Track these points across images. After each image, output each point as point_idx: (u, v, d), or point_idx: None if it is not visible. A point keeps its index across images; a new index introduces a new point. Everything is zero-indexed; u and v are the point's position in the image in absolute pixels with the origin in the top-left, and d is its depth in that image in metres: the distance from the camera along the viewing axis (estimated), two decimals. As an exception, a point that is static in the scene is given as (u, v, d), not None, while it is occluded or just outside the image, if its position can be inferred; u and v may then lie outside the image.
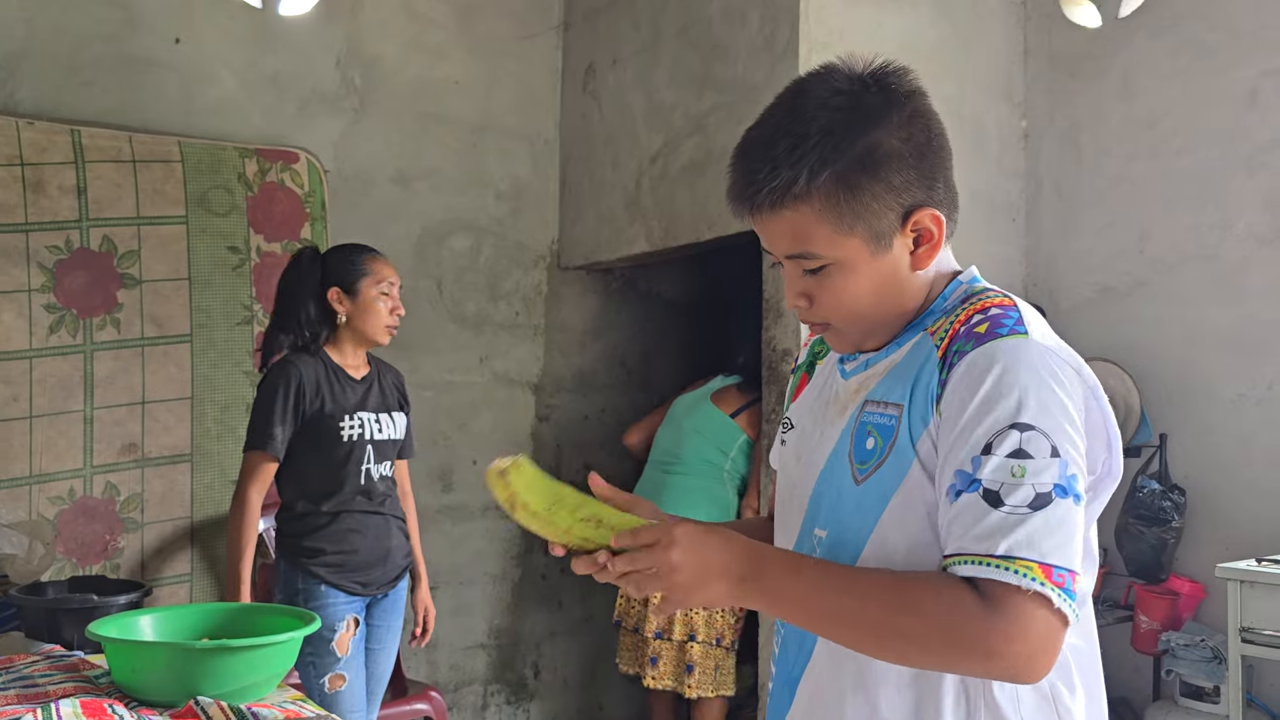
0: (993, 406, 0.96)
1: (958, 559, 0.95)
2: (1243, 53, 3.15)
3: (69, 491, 2.97)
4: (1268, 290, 3.08)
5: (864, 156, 1.02)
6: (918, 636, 0.96)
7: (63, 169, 2.99)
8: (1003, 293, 1.08)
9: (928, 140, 1.06)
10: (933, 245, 1.07)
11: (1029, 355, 0.99)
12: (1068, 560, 0.94)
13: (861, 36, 3.19)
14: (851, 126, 1.03)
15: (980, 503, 0.95)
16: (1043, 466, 0.95)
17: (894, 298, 1.09)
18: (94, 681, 1.64)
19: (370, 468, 2.50)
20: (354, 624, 2.46)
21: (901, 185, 1.04)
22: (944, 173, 1.08)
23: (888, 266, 1.07)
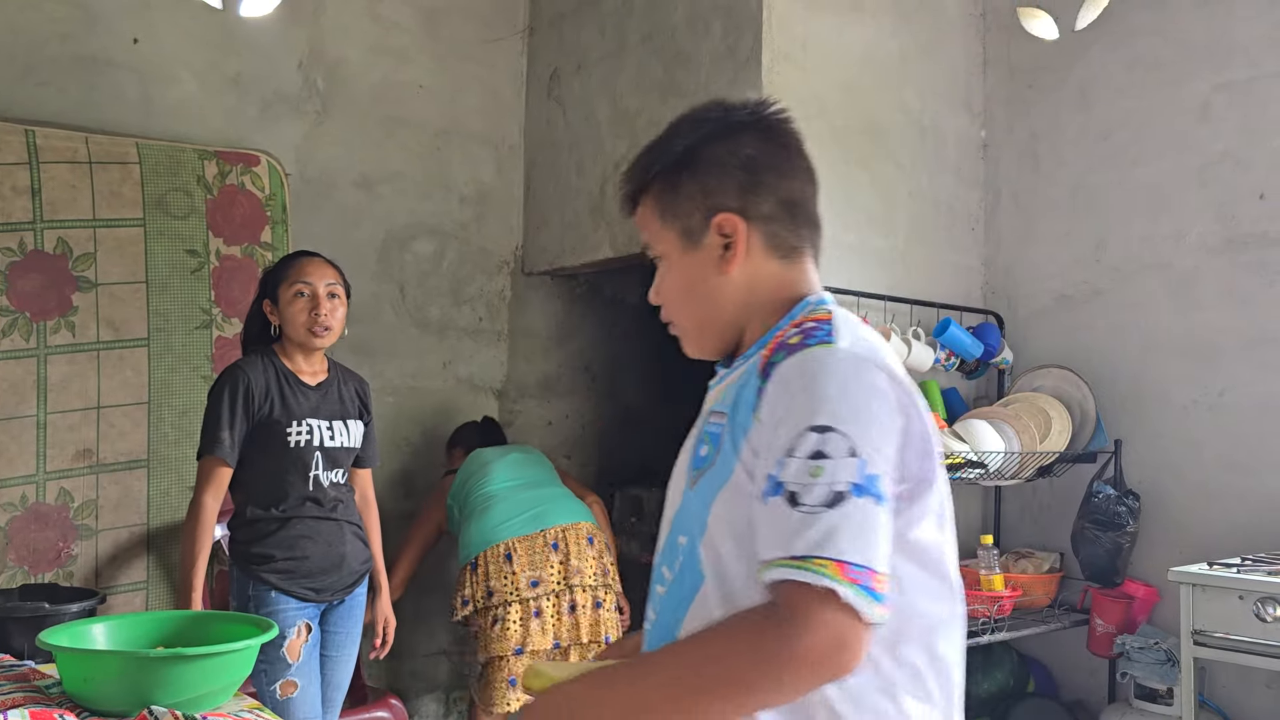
0: (795, 411, 1.00)
1: (765, 566, 0.97)
2: (1195, 67, 3.22)
3: (21, 498, 2.92)
4: (1219, 299, 3.15)
5: (685, 157, 1.15)
6: (729, 677, 0.95)
7: (16, 169, 2.94)
8: (831, 309, 1.14)
9: (757, 158, 1.15)
10: (735, 252, 1.15)
11: (832, 362, 1.02)
12: (867, 558, 0.94)
13: (823, 46, 3.22)
14: (687, 134, 1.17)
15: (783, 504, 0.96)
16: (840, 466, 0.96)
17: (706, 297, 1.17)
18: (44, 692, 1.61)
19: (319, 474, 2.47)
20: (306, 630, 2.44)
21: (715, 189, 1.14)
22: (775, 192, 1.16)
23: (697, 264, 1.16)
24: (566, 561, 3.10)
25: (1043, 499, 3.50)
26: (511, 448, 3.51)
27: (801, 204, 1.19)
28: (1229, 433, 3.10)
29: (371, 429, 2.67)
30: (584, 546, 3.13)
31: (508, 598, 3.04)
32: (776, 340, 1.09)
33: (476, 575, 3.10)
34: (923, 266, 3.47)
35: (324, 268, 2.53)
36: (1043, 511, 3.51)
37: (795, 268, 1.19)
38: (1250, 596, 2.50)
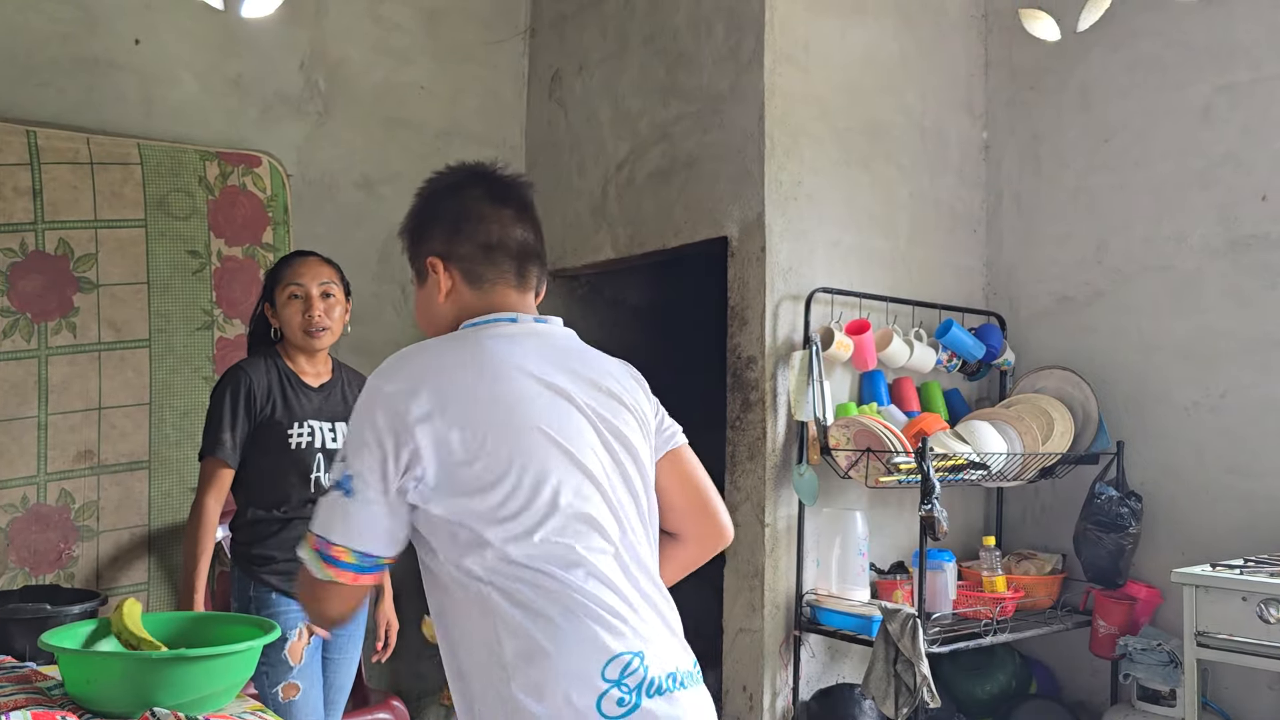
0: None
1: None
2: (1197, 69, 3.22)
3: (21, 499, 2.91)
4: (1221, 301, 3.15)
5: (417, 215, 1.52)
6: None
7: (17, 170, 2.94)
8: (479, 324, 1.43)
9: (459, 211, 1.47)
10: (441, 286, 1.47)
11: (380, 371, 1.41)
12: (328, 532, 1.32)
13: (825, 47, 3.22)
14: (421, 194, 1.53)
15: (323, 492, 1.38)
16: (335, 468, 1.37)
17: (432, 318, 1.50)
18: (47, 693, 1.61)
19: (321, 476, 2.46)
20: (307, 632, 2.43)
21: (429, 238, 1.48)
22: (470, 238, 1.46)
23: (425, 294, 1.51)
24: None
25: (1045, 500, 3.50)
26: None
27: (501, 244, 1.47)
28: (1231, 434, 3.10)
29: None
30: None
31: None
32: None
33: None
34: (924, 268, 3.47)
35: (318, 267, 2.51)
36: (1045, 513, 3.51)
37: (489, 294, 1.47)
38: (1253, 598, 2.50)
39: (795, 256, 3.12)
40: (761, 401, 3.05)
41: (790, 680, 3.05)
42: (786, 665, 3.05)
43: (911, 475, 2.86)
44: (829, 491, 3.09)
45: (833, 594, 3.02)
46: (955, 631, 2.94)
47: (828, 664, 3.16)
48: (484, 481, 1.29)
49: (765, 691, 3.02)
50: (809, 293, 3.07)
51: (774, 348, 3.06)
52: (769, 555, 3.02)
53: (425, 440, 1.31)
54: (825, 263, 3.19)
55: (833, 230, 3.22)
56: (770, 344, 3.06)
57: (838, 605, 2.98)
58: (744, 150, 3.13)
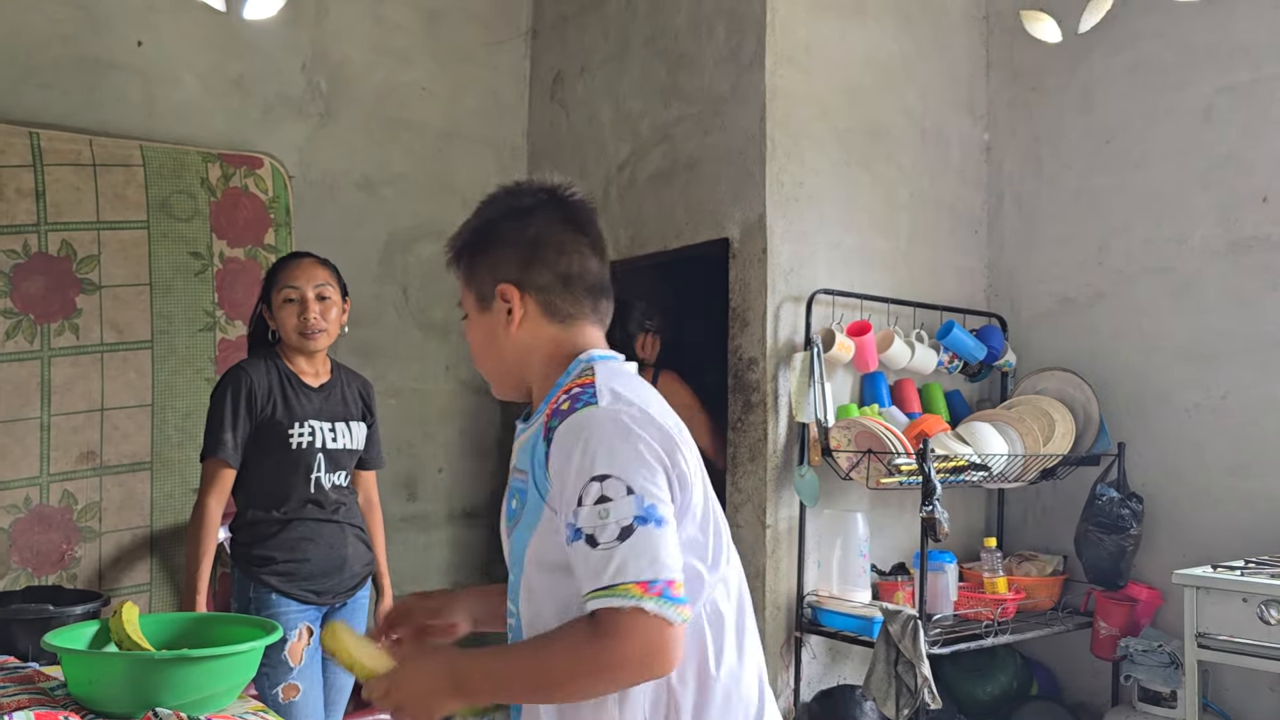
0: (575, 467, 1.20)
1: (585, 598, 1.17)
2: (1198, 70, 3.22)
3: (24, 500, 2.92)
4: (1221, 302, 3.15)
5: (481, 234, 1.40)
6: (562, 678, 1.19)
7: (20, 172, 2.95)
8: (594, 369, 1.32)
9: (539, 236, 1.37)
10: (514, 316, 1.37)
11: (595, 419, 1.23)
12: (659, 573, 1.15)
13: (826, 48, 3.23)
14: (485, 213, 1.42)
15: (584, 547, 1.17)
16: (622, 505, 1.17)
17: (495, 352, 1.40)
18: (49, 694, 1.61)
19: (321, 476, 2.46)
20: (307, 633, 2.43)
21: (501, 262, 1.37)
22: (552, 267, 1.36)
23: (489, 323, 1.39)
24: None
25: (1046, 502, 3.50)
26: None
27: (580, 276, 1.38)
28: (1232, 435, 3.10)
29: (375, 431, 2.66)
30: None
31: None
32: (552, 405, 1.29)
33: None
34: (925, 269, 3.47)
35: (312, 269, 2.50)
36: (1046, 514, 3.51)
37: (572, 330, 1.38)
38: (1254, 599, 2.50)
39: (796, 258, 3.12)
40: (763, 403, 3.05)
41: (791, 681, 3.05)
42: (788, 666, 3.05)
43: (913, 476, 2.86)
44: (830, 493, 3.09)
45: (834, 595, 3.02)
46: (956, 633, 2.94)
47: (829, 665, 3.16)
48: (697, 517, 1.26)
49: (766, 692, 3.01)
50: (810, 294, 3.08)
51: (775, 349, 3.06)
52: (770, 556, 3.03)
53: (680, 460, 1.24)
54: (826, 264, 3.19)
55: (834, 232, 3.22)
56: (771, 345, 3.06)
57: (839, 606, 2.98)
58: (745, 151, 3.13)
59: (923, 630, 2.73)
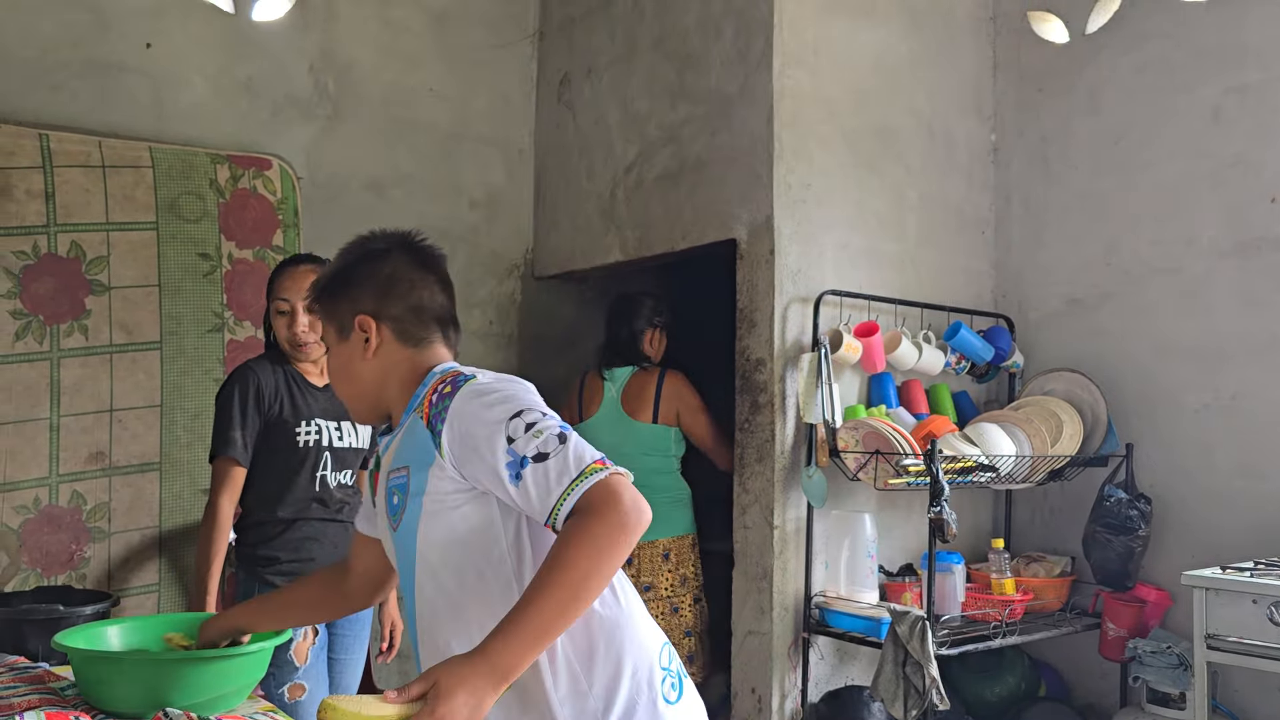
0: (486, 422, 1.37)
1: (557, 508, 1.31)
2: (1206, 70, 3.21)
3: (34, 500, 2.93)
4: (1230, 303, 3.14)
5: (343, 273, 1.58)
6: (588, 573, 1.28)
7: (30, 173, 2.96)
8: (456, 368, 1.51)
9: (392, 275, 1.55)
10: (370, 343, 1.53)
11: (482, 384, 1.42)
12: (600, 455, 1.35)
13: (834, 49, 3.22)
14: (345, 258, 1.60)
15: (537, 467, 1.32)
16: (547, 423, 1.36)
17: (355, 376, 1.56)
18: (60, 694, 1.62)
19: (327, 474, 2.46)
20: (313, 633, 2.43)
21: (358, 297, 1.55)
22: (404, 299, 1.55)
23: (347, 351, 1.56)
24: (638, 576, 3.26)
25: (1054, 503, 3.50)
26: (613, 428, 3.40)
27: (429, 308, 1.57)
28: (1241, 436, 3.09)
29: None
30: (659, 563, 3.29)
31: None
32: (426, 401, 1.45)
33: None
34: (933, 270, 3.47)
35: (305, 278, 2.42)
36: (1054, 515, 3.50)
37: (425, 352, 1.56)
38: (1264, 600, 2.50)
39: (804, 259, 3.12)
40: (770, 404, 3.05)
41: (799, 682, 3.05)
42: (795, 667, 3.05)
43: (920, 477, 2.86)
44: (838, 493, 3.09)
45: (841, 596, 3.02)
46: (964, 634, 2.94)
47: (836, 666, 3.16)
48: None
49: (774, 693, 3.02)
50: (818, 295, 3.08)
51: (783, 350, 3.06)
52: (778, 557, 3.02)
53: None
54: (834, 265, 3.19)
55: (841, 233, 3.22)
56: (779, 346, 3.06)
57: (846, 607, 2.98)
58: (753, 152, 3.13)
59: (930, 631, 2.72)
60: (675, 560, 3.32)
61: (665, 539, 3.32)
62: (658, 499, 3.39)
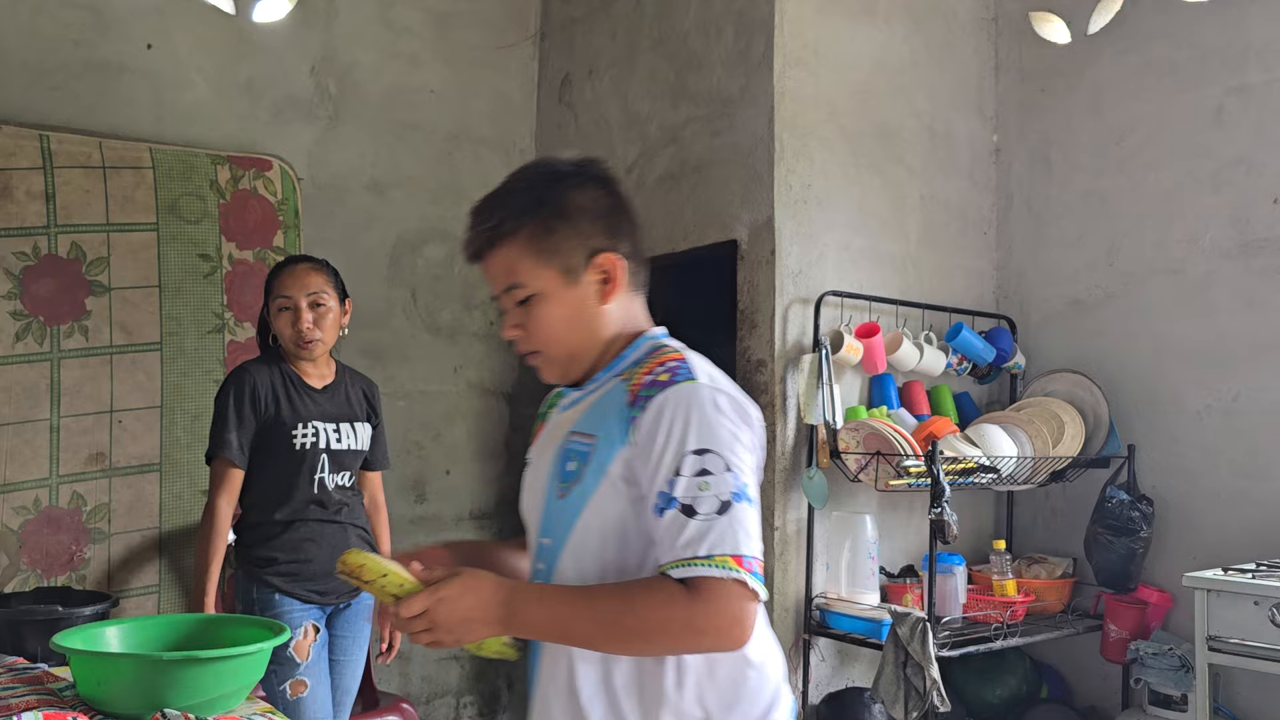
0: (674, 438, 1.22)
1: (671, 565, 1.20)
2: (1208, 71, 3.21)
3: (34, 501, 2.93)
4: (1232, 304, 3.13)
5: (556, 205, 1.32)
6: (642, 630, 1.20)
7: (30, 174, 2.96)
8: (679, 348, 1.34)
9: (612, 205, 1.36)
10: (614, 284, 1.34)
11: (698, 395, 1.24)
12: (753, 550, 1.20)
13: (835, 50, 3.22)
14: (550, 186, 1.34)
15: (680, 516, 1.20)
16: (721, 480, 1.20)
17: (585, 327, 1.35)
18: (58, 694, 1.61)
19: (324, 477, 2.46)
20: (313, 630, 2.44)
21: (589, 233, 1.33)
22: (629, 235, 1.37)
23: (577, 297, 1.34)
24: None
25: (1055, 504, 3.49)
26: None
27: (640, 245, 1.39)
28: (1243, 438, 3.08)
29: (381, 431, 2.66)
30: None
31: None
32: (644, 374, 1.28)
33: None
34: (934, 271, 3.46)
35: (306, 276, 2.47)
36: (1056, 516, 3.49)
37: (637, 298, 1.40)
38: (1265, 602, 2.49)
39: (805, 260, 3.12)
40: (771, 405, 3.05)
41: (800, 684, 3.04)
42: (796, 669, 3.05)
43: (921, 479, 2.85)
44: (839, 495, 3.08)
45: (842, 597, 3.01)
46: (965, 635, 2.93)
47: (837, 668, 3.15)
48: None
49: (775, 695, 3.01)
50: (819, 296, 3.07)
51: (784, 351, 3.06)
52: (779, 559, 3.02)
53: (758, 452, 1.29)
54: (835, 266, 3.18)
55: (842, 233, 3.21)
56: (780, 347, 3.05)
57: (847, 609, 2.98)
58: (753, 153, 3.13)
59: (931, 633, 2.72)
60: None
61: None
62: None
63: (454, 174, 3.84)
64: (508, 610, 1.23)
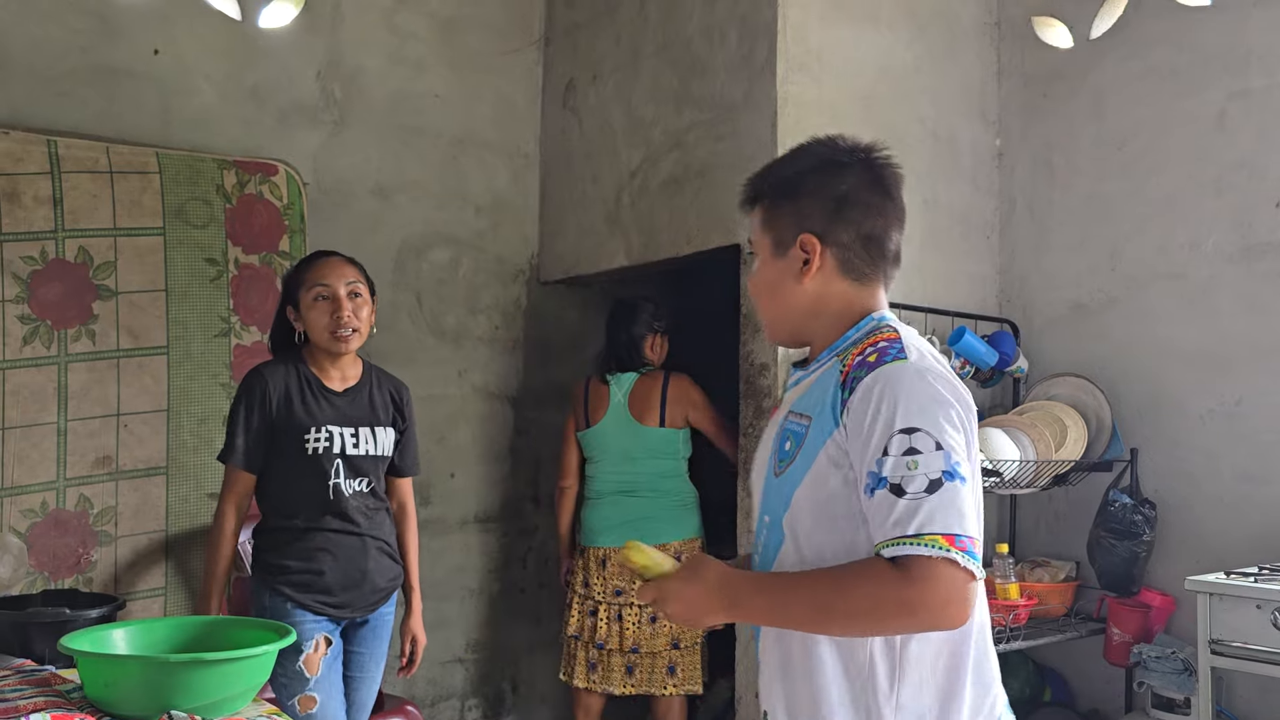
0: (882, 418, 1.24)
1: (882, 545, 1.22)
2: (1210, 76, 3.21)
3: (41, 504, 2.94)
4: (1234, 308, 3.14)
5: (792, 182, 1.42)
6: (855, 612, 1.23)
7: (38, 179, 2.98)
8: (895, 327, 1.38)
9: (848, 194, 1.39)
10: (809, 266, 1.39)
11: (906, 374, 1.27)
12: (965, 529, 1.20)
13: (838, 55, 3.23)
14: (798, 163, 1.44)
15: (889, 496, 1.22)
16: (930, 459, 1.21)
17: (783, 300, 1.43)
18: (66, 696, 1.63)
19: (340, 483, 2.39)
20: (325, 643, 2.39)
21: (807, 214, 1.40)
22: (856, 226, 1.40)
23: (780, 270, 1.42)
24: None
25: (1058, 508, 3.49)
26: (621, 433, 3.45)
27: (877, 238, 1.41)
28: (1246, 442, 3.08)
29: (409, 436, 2.58)
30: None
31: (597, 597, 3.36)
32: (855, 355, 1.32)
33: (585, 562, 3.45)
34: (938, 275, 3.47)
35: (343, 267, 2.44)
36: (1058, 520, 3.50)
37: (864, 290, 1.42)
38: (1268, 606, 2.49)
39: (808, 264, 3.12)
40: (774, 409, 3.06)
41: (803, 687, 3.05)
42: (799, 672, 3.05)
43: (924, 482, 2.85)
44: (841, 498, 3.09)
45: (845, 601, 3.01)
46: (968, 639, 2.93)
47: (840, 671, 3.15)
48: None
49: (778, 698, 3.01)
50: (821, 300, 3.08)
51: (786, 355, 3.07)
52: (781, 562, 3.02)
53: (972, 430, 1.30)
54: (838, 270, 3.19)
55: (845, 237, 3.21)
56: (783, 351, 3.06)
57: (850, 612, 2.98)
58: (756, 158, 3.14)
59: (934, 636, 2.72)
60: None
61: (676, 542, 3.35)
62: (667, 502, 3.40)
63: (459, 179, 3.85)
64: (730, 599, 1.30)
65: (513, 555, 3.96)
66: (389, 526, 2.54)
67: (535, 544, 4.01)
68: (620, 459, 3.45)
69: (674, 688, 3.34)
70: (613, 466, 3.47)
